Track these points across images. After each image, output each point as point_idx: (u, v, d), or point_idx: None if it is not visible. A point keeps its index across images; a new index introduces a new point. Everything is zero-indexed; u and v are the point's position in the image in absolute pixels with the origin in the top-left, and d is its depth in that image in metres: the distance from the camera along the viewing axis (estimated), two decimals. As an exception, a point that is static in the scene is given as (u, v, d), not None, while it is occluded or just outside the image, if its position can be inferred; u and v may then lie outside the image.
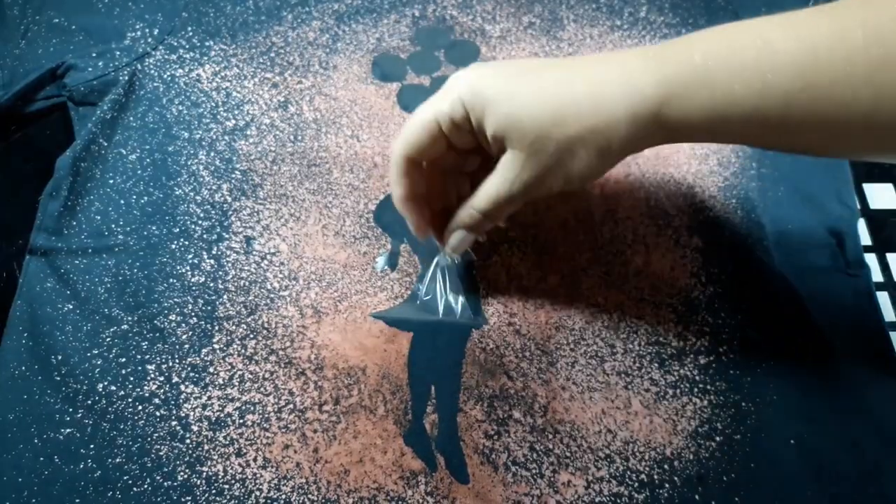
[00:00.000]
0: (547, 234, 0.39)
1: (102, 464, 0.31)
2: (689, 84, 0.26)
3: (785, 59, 0.24)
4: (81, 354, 0.34)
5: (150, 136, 0.40)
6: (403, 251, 0.38)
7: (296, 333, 0.35)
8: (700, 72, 0.26)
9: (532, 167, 0.28)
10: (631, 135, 0.27)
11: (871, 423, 0.35)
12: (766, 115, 0.25)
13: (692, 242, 0.40)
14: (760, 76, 0.24)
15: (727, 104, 0.25)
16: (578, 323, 0.37)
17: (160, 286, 0.36)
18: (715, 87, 0.25)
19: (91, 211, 0.38)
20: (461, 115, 0.29)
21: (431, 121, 0.29)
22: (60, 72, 0.41)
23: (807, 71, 0.24)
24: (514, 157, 0.28)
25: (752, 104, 0.25)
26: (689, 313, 0.37)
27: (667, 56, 0.27)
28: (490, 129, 0.28)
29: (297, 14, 0.45)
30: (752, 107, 0.25)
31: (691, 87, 0.26)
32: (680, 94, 0.26)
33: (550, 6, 0.48)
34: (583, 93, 0.27)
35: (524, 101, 0.27)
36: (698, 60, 0.26)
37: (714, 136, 0.28)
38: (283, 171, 0.40)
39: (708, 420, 0.34)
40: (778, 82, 0.24)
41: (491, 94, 0.28)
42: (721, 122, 0.26)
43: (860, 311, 0.39)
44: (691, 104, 0.26)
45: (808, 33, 0.24)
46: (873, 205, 0.45)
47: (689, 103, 0.26)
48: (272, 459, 0.32)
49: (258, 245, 0.37)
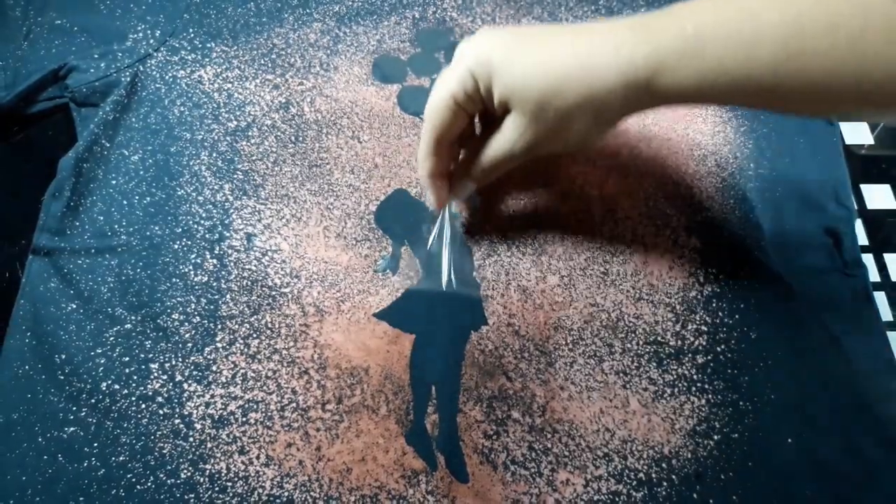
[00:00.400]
0: (546, 235, 0.39)
1: (106, 462, 0.31)
2: (680, 54, 0.27)
3: (770, 29, 0.25)
4: (85, 354, 0.34)
5: (152, 137, 0.40)
6: (404, 254, 0.38)
7: (299, 333, 0.35)
8: (690, 43, 0.27)
9: (533, 130, 0.30)
10: (624, 102, 0.29)
11: (868, 422, 0.35)
12: (754, 82, 0.26)
13: (690, 242, 0.40)
14: (747, 47, 0.26)
15: (717, 73, 0.26)
16: (577, 323, 0.37)
17: (163, 286, 0.36)
18: (705, 58, 0.26)
19: (94, 211, 0.38)
20: (472, 86, 0.31)
21: (448, 98, 0.31)
22: (62, 73, 0.41)
23: (791, 41, 0.25)
24: (518, 119, 0.30)
25: (741, 73, 0.26)
26: (687, 313, 0.38)
27: (658, 27, 0.28)
28: (497, 93, 0.30)
29: (298, 16, 0.46)
30: (741, 75, 0.26)
31: (682, 57, 0.27)
32: (671, 65, 0.27)
33: (550, 8, 0.48)
34: (579, 62, 0.28)
35: (526, 71, 0.29)
36: (690, 31, 0.27)
37: (704, 102, 0.29)
38: (285, 171, 0.40)
39: (706, 419, 0.35)
40: (764, 52, 0.25)
41: (496, 62, 0.30)
42: (710, 90, 0.27)
43: (857, 311, 0.39)
44: (682, 73, 0.27)
45: (792, 4, 0.25)
46: (870, 205, 0.45)
47: (680, 73, 0.27)
48: (275, 457, 0.32)
49: (259, 241, 0.38)
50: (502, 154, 0.32)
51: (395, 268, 0.38)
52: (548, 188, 0.41)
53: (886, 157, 0.47)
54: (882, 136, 0.48)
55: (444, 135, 0.33)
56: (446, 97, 0.31)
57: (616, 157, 0.42)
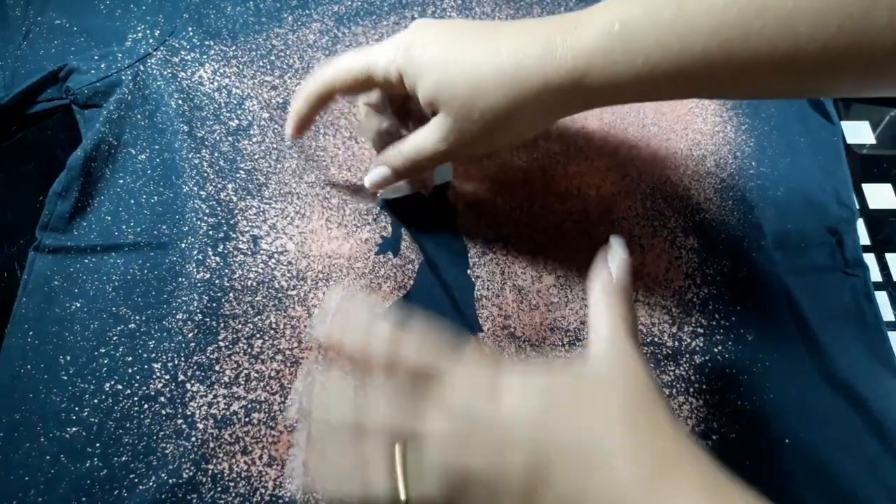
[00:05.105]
0: (542, 235, 0.40)
1: (108, 462, 0.31)
2: (608, 52, 0.26)
3: (699, 18, 0.25)
4: (89, 354, 0.34)
5: (158, 136, 0.40)
6: (405, 235, 0.38)
7: (304, 334, 0.35)
8: (618, 40, 0.26)
9: (458, 131, 0.30)
10: (553, 104, 0.29)
11: (868, 422, 0.35)
12: (687, 72, 0.26)
13: (688, 243, 0.40)
14: (678, 38, 0.25)
15: (649, 67, 0.26)
16: (573, 324, 0.37)
17: (169, 285, 0.36)
18: (636, 53, 0.26)
19: (102, 211, 0.38)
20: (396, 78, 0.31)
21: (362, 70, 0.31)
22: (62, 75, 0.41)
23: (721, 28, 0.25)
24: (444, 119, 0.30)
25: (673, 65, 0.26)
26: (684, 314, 0.38)
27: (585, 25, 0.27)
28: (422, 94, 0.30)
29: (298, 16, 0.45)
30: (674, 67, 0.26)
31: (611, 54, 0.26)
32: (600, 63, 0.27)
33: (550, 8, 0.48)
34: (506, 64, 0.28)
35: (454, 71, 0.29)
36: (616, 28, 0.26)
37: (645, 97, 0.29)
38: (286, 167, 0.40)
39: (704, 420, 0.35)
40: (694, 42, 0.25)
41: (426, 61, 0.29)
42: (646, 84, 0.27)
43: (859, 310, 0.39)
44: (613, 70, 0.27)
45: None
46: (872, 205, 0.45)
47: (611, 70, 0.27)
48: (278, 458, 0.32)
49: (265, 244, 0.38)
50: (424, 148, 0.32)
51: (397, 250, 0.38)
52: (545, 187, 0.41)
53: (888, 156, 0.47)
54: (884, 136, 0.48)
55: (332, 94, 0.33)
56: (360, 68, 0.31)
57: (614, 157, 0.42)
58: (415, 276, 0.38)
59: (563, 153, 0.42)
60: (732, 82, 0.27)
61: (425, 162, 0.33)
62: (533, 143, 0.42)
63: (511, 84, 0.28)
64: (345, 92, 0.33)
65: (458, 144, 0.31)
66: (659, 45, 0.25)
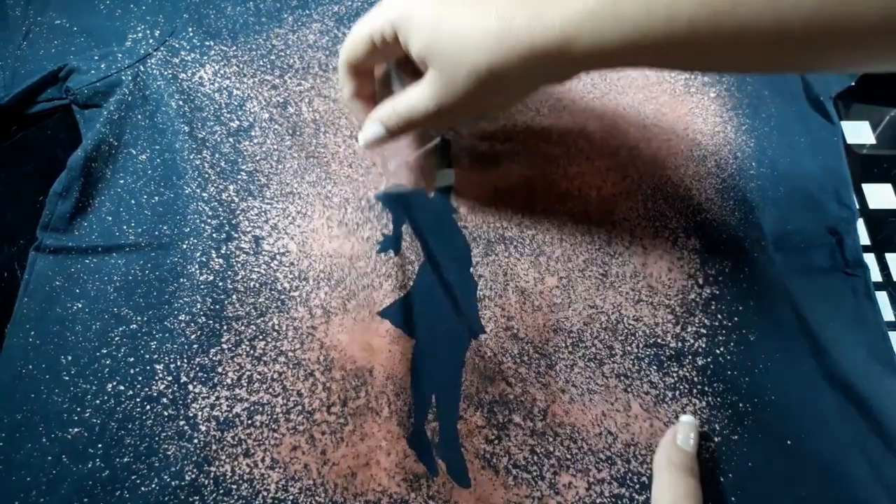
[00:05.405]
0: (544, 236, 0.40)
1: (110, 463, 0.31)
2: (596, 19, 0.27)
3: None
4: (91, 354, 0.34)
5: (159, 137, 0.40)
6: (406, 234, 0.39)
7: (305, 335, 0.35)
8: (607, 5, 0.26)
9: (447, 89, 0.31)
10: (540, 68, 0.29)
11: (870, 423, 0.35)
12: (675, 40, 0.26)
13: (690, 244, 0.40)
14: (666, 5, 0.25)
15: (637, 34, 0.26)
16: (576, 325, 0.37)
17: (171, 286, 0.36)
18: (624, 19, 0.26)
19: (102, 211, 0.38)
20: (391, 35, 0.31)
21: (366, 36, 0.32)
22: (62, 75, 0.41)
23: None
24: (433, 76, 0.31)
25: (661, 32, 0.26)
26: (687, 315, 0.38)
27: None
28: (414, 51, 0.31)
29: (298, 17, 0.45)
30: (661, 35, 0.26)
31: (599, 20, 0.27)
32: (588, 29, 0.27)
33: None
34: (494, 26, 0.28)
35: (444, 30, 0.29)
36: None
37: (634, 64, 0.29)
38: (287, 167, 0.40)
39: (706, 421, 0.35)
40: (682, 9, 0.25)
41: (417, 19, 0.30)
42: (634, 51, 0.27)
43: (859, 310, 0.39)
44: (601, 37, 0.27)
45: None
46: (872, 205, 0.45)
47: (599, 36, 0.27)
48: (280, 460, 0.32)
49: (267, 245, 0.38)
50: (416, 105, 0.32)
51: (398, 247, 0.38)
52: (546, 188, 0.41)
53: (888, 156, 0.47)
54: (884, 136, 0.48)
55: (356, 64, 0.34)
56: (365, 36, 0.32)
57: (615, 158, 0.42)
58: (415, 275, 0.38)
59: (564, 154, 0.42)
60: (722, 53, 0.27)
61: (417, 121, 0.33)
62: (534, 144, 0.42)
63: (498, 46, 0.28)
64: (364, 60, 0.34)
65: (448, 103, 0.31)
66: (648, 12, 0.26)
